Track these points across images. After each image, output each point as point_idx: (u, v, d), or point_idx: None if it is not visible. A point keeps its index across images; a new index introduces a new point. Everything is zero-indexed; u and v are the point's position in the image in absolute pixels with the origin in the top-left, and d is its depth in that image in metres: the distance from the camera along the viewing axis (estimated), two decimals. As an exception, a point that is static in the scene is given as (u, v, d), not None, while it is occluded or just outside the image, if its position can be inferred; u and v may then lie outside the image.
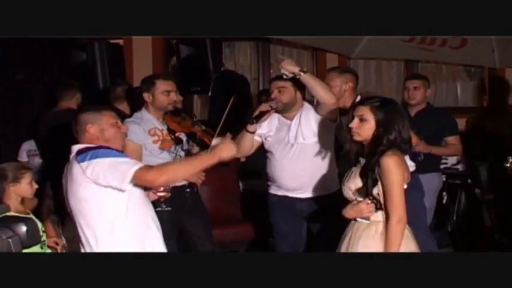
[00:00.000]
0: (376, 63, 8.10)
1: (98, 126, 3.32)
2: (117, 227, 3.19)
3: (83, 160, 3.16)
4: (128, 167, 3.11)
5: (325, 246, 3.82)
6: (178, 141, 4.54)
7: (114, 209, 3.19)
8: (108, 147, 3.26)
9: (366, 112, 3.28)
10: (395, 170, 3.17)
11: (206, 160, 3.36)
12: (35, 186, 3.88)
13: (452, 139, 5.29)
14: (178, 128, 4.55)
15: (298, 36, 6.58)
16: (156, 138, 4.41)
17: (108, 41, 6.87)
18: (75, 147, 3.30)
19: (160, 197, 3.75)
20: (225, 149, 3.32)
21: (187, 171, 3.42)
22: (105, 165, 3.12)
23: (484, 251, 5.14)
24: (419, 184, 4.54)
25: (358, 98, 4.38)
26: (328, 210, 4.09)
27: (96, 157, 3.14)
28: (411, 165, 4.25)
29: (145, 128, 4.39)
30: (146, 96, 4.45)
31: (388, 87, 8.07)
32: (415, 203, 4.09)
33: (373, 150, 3.24)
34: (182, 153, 4.54)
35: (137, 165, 3.14)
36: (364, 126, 3.27)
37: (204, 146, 4.50)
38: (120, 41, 7.56)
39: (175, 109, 4.61)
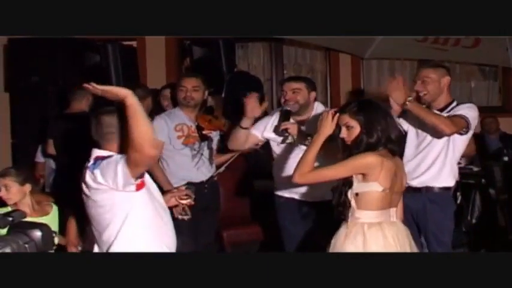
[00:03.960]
0: (389, 64, 8.08)
1: None
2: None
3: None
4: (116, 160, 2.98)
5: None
6: (204, 138, 4.67)
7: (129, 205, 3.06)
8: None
9: (348, 119, 3.29)
10: (358, 159, 3.21)
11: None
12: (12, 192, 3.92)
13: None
14: (208, 125, 4.72)
15: (311, 36, 6.58)
16: (180, 133, 4.61)
17: (122, 43, 6.90)
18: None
19: (183, 205, 3.60)
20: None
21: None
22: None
23: (499, 251, 5.12)
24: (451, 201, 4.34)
25: (455, 103, 4.18)
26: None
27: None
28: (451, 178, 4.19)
29: (173, 123, 4.61)
30: (176, 93, 4.72)
31: (401, 87, 8.05)
32: (448, 220, 4.18)
33: (351, 153, 3.26)
34: (206, 151, 4.68)
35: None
36: (353, 133, 3.28)
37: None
38: (134, 43, 7.60)
39: (209, 108, 4.80)
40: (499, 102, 8.00)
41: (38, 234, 1.98)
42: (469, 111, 4.07)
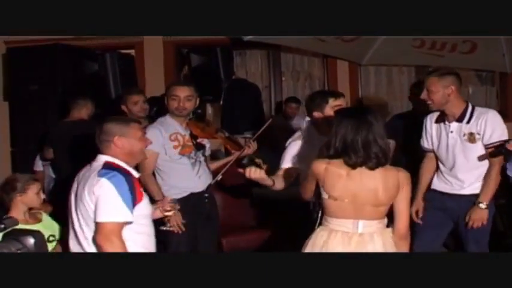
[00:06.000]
0: (387, 70, 8.10)
1: (125, 139, 3.30)
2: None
3: (102, 176, 3.17)
4: (115, 214, 3.13)
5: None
6: (199, 147, 4.60)
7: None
8: (128, 173, 3.26)
9: None
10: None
11: None
12: (42, 196, 3.97)
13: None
14: (201, 134, 4.64)
15: (309, 42, 6.59)
16: (176, 143, 4.50)
17: (120, 52, 6.95)
18: (103, 158, 3.29)
19: (167, 216, 3.89)
20: None
21: None
22: (108, 198, 3.15)
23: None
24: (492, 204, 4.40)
25: (470, 107, 4.24)
26: None
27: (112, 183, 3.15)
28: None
29: (167, 132, 4.48)
30: (165, 101, 4.58)
31: (399, 93, 8.08)
32: (489, 222, 4.27)
33: None
34: (202, 159, 4.62)
35: (120, 218, 3.14)
36: None
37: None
38: (131, 51, 7.64)
39: (199, 115, 4.71)
40: (497, 108, 7.99)
41: (31, 241, 1.99)
42: (499, 127, 4.18)
